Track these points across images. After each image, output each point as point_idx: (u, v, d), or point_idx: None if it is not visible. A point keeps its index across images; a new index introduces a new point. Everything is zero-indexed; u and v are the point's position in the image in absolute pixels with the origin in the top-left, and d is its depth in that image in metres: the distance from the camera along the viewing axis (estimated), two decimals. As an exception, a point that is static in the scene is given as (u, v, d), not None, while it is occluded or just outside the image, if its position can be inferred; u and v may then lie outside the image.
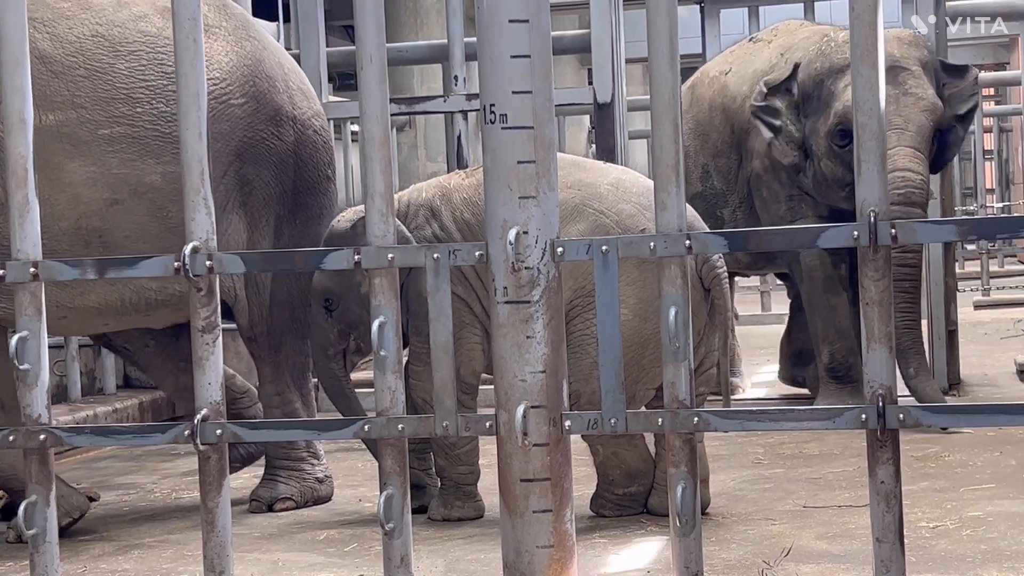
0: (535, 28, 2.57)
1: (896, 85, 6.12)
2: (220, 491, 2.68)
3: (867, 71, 2.46)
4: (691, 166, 6.97)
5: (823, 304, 6.52)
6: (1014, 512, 4.35)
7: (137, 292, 4.57)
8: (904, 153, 6.05)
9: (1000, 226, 2.69)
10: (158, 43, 4.55)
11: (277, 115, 4.76)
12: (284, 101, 4.81)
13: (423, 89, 11.94)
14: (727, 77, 7.00)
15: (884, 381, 2.44)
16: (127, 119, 4.46)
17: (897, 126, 6.06)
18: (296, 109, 4.87)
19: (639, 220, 4.39)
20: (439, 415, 2.63)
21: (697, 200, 6.81)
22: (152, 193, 4.49)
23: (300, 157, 4.87)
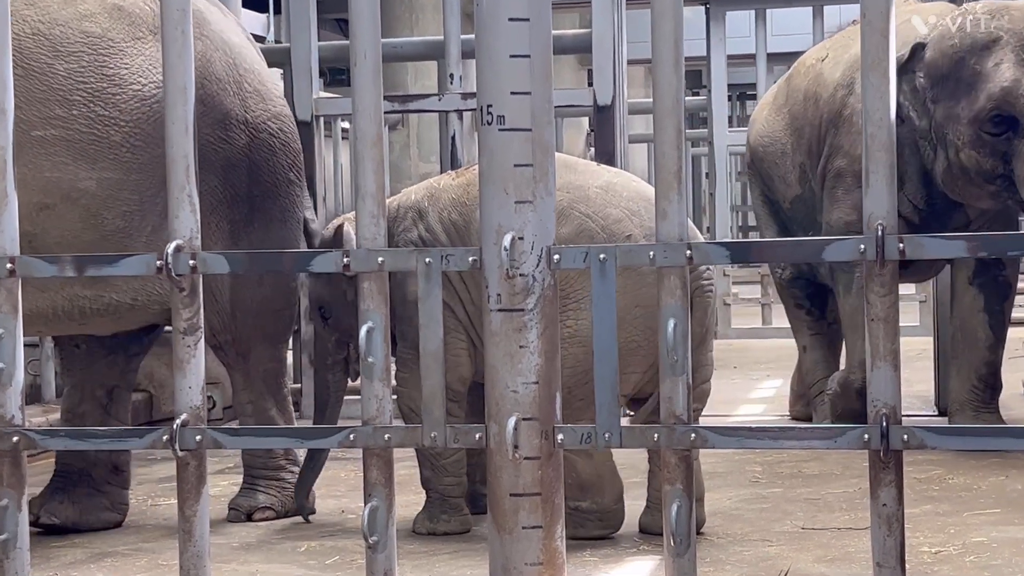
0: (536, 27, 2.49)
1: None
2: (198, 499, 2.60)
3: (877, 80, 2.39)
4: (789, 166, 6.43)
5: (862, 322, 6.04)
6: (1019, 538, 4.26)
7: (70, 300, 4.45)
8: None
9: (1011, 243, 2.61)
10: (101, 44, 4.44)
11: (226, 119, 4.64)
12: (234, 104, 4.70)
13: (417, 87, 11.88)
14: (823, 64, 6.30)
15: (888, 400, 2.37)
16: (62, 121, 4.34)
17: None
18: (249, 112, 4.75)
19: (625, 225, 4.29)
20: (427, 425, 2.55)
21: (799, 203, 6.39)
22: (86, 199, 4.38)
23: (254, 161, 4.76)
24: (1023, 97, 5.33)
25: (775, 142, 6.53)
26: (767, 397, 7.90)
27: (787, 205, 6.50)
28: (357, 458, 3.01)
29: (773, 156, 6.54)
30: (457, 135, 7.15)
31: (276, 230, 4.83)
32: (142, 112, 4.45)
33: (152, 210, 4.47)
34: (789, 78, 6.59)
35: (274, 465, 4.91)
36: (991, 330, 5.98)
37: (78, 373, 4.94)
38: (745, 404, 7.65)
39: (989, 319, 5.97)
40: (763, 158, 6.63)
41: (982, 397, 5.96)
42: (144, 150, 4.44)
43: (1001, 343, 6.04)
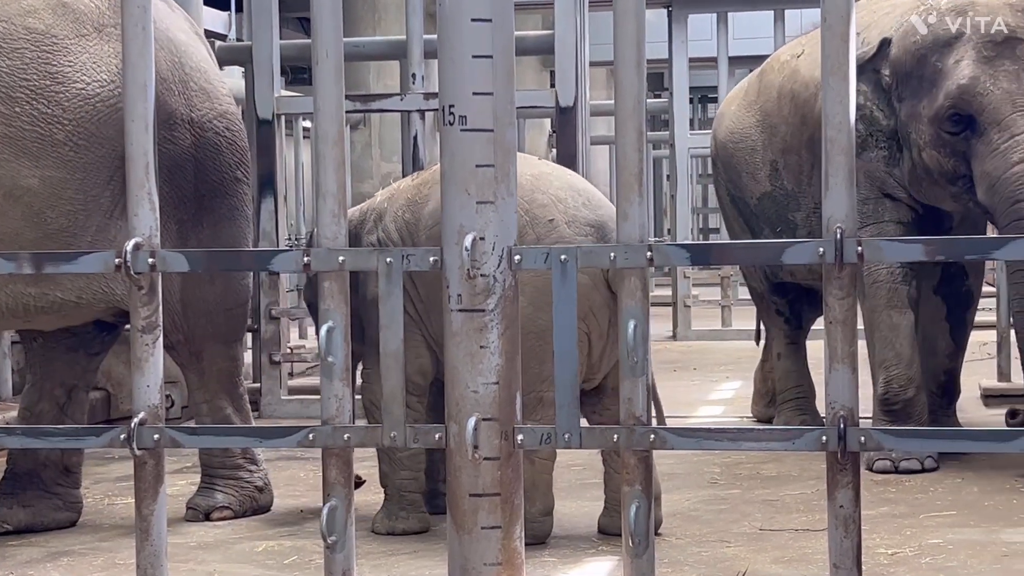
0: (498, 28, 2.49)
1: (1015, 60, 5.30)
2: (156, 498, 2.58)
3: (837, 84, 2.41)
4: (758, 162, 6.30)
5: (884, 323, 5.56)
6: (974, 540, 4.29)
7: (14, 298, 4.41)
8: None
9: (969, 247, 2.63)
10: (44, 41, 4.39)
11: (170, 119, 4.60)
12: (179, 104, 4.66)
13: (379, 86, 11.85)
14: (799, 60, 6.11)
15: (846, 403, 2.38)
16: (4, 119, 4.29)
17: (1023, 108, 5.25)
18: (194, 111, 4.72)
19: (550, 211, 4.30)
20: (387, 425, 2.55)
21: (766, 200, 6.27)
22: (28, 197, 4.33)
23: (199, 160, 4.73)
24: (979, 95, 5.25)
25: (745, 138, 6.42)
26: (726, 399, 7.93)
27: (754, 202, 6.39)
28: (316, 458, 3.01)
29: (742, 152, 6.43)
30: (419, 135, 7.14)
31: (225, 229, 4.80)
32: (86, 110, 4.40)
33: (96, 210, 4.43)
34: (762, 73, 6.47)
35: (232, 464, 4.89)
36: (952, 339, 5.97)
37: (38, 371, 4.90)
38: (704, 405, 7.68)
39: (951, 328, 5.95)
40: (732, 154, 6.52)
41: (940, 402, 5.95)
42: (88, 149, 4.40)
43: (961, 351, 6.05)
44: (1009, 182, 5.16)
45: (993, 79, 5.26)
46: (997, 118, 5.22)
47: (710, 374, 9.09)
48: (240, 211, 4.87)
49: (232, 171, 4.83)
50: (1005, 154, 5.19)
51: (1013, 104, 5.22)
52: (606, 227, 4.26)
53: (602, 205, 4.36)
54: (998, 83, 5.25)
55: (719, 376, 8.97)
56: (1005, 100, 5.23)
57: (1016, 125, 5.20)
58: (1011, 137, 5.19)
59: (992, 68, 5.27)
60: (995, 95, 5.24)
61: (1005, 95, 5.23)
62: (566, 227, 4.27)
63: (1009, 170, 5.16)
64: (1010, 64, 5.27)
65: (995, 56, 5.29)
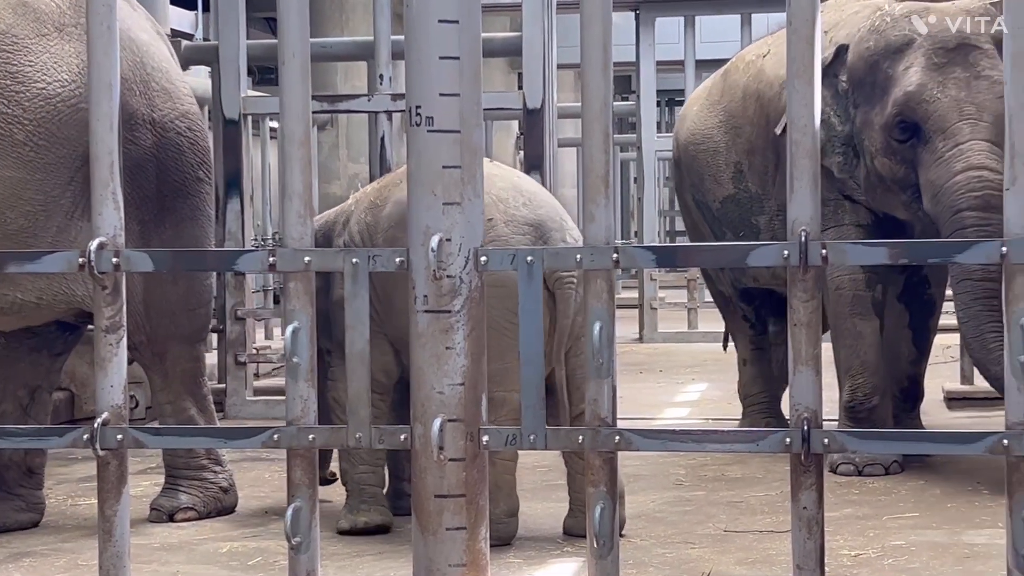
0: (465, 29, 2.50)
1: (967, 67, 5.21)
2: (119, 499, 2.57)
3: (803, 87, 2.42)
4: (721, 164, 6.19)
5: (848, 331, 5.55)
6: (937, 542, 4.32)
7: None
8: (979, 148, 5.10)
9: (932, 250, 2.65)
10: (4, 41, 4.35)
11: (131, 119, 4.57)
12: (140, 104, 4.64)
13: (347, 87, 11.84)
14: (764, 60, 6.01)
15: (810, 405, 2.39)
16: None
17: (970, 116, 5.15)
18: (156, 111, 4.70)
19: (490, 210, 4.31)
20: (352, 426, 2.55)
21: (729, 204, 6.17)
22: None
23: (161, 161, 4.71)
24: (925, 103, 5.17)
25: (707, 139, 6.32)
26: (692, 400, 7.95)
27: (716, 205, 6.29)
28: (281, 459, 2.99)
29: (705, 154, 6.32)
30: (386, 136, 7.13)
31: (187, 229, 4.78)
32: (47, 111, 4.37)
33: (57, 210, 4.41)
34: (726, 73, 6.38)
35: (196, 465, 4.86)
36: (914, 346, 5.94)
37: (0, 372, 4.87)
38: (670, 407, 7.70)
39: (913, 335, 5.91)
40: (694, 156, 6.42)
41: (904, 406, 5.93)
42: (48, 149, 4.37)
43: (924, 357, 6.02)
44: (951, 191, 5.08)
45: (941, 86, 5.19)
46: (942, 126, 5.15)
47: (676, 376, 9.11)
48: (202, 211, 4.85)
49: (194, 171, 4.81)
50: (949, 163, 5.11)
51: (960, 112, 5.15)
52: (544, 227, 4.30)
53: (543, 205, 4.39)
54: (946, 90, 5.18)
55: (685, 378, 8.99)
56: (952, 108, 5.16)
57: (961, 133, 5.12)
58: (955, 146, 5.11)
59: (941, 75, 5.20)
60: (942, 103, 5.17)
61: (952, 103, 5.16)
62: (504, 226, 4.31)
63: (952, 179, 5.08)
64: (961, 71, 5.20)
65: (946, 63, 5.22)
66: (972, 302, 5.04)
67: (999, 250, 2.33)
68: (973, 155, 5.08)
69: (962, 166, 5.08)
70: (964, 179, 5.06)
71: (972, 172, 5.05)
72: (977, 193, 5.04)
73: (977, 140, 5.10)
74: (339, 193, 12.30)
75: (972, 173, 5.05)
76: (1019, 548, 2.32)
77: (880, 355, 5.58)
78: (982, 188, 5.03)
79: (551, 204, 4.42)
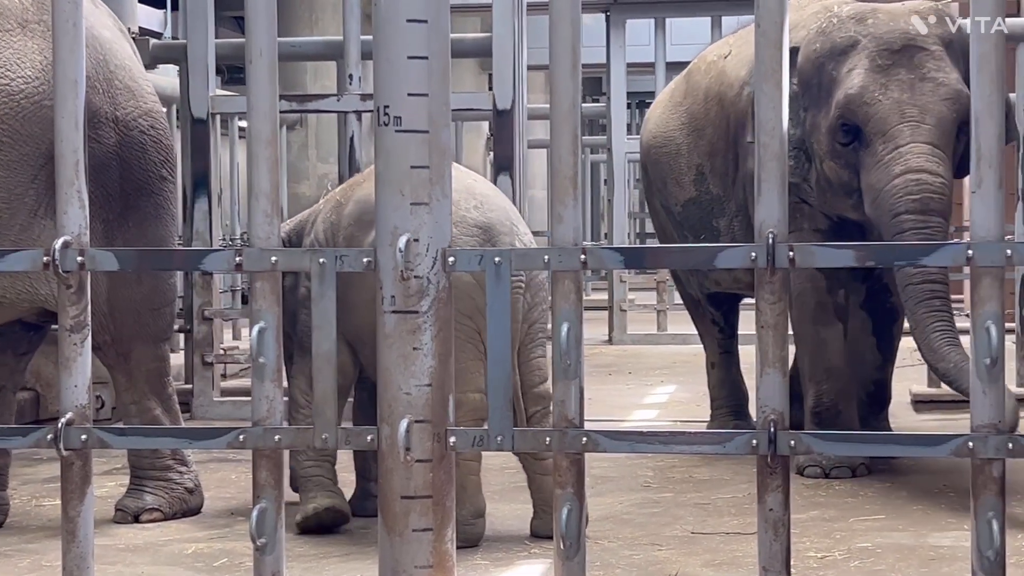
0: (434, 29, 2.49)
1: (912, 68, 5.15)
2: (83, 499, 2.55)
3: (771, 90, 2.42)
4: (683, 167, 6.12)
5: (811, 338, 5.54)
6: (903, 544, 4.34)
7: None
8: (919, 151, 5.04)
9: (899, 253, 2.66)
10: None
11: (94, 117, 4.53)
12: (103, 102, 4.61)
13: (316, 87, 11.80)
14: (726, 61, 5.96)
15: (776, 406, 2.39)
16: None
17: (912, 118, 5.09)
18: (119, 110, 4.67)
19: None
20: (318, 426, 2.53)
21: (691, 207, 6.11)
22: None
23: (124, 159, 4.69)
24: (866, 105, 5.11)
25: (669, 142, 6.27)
26: (660, 402, 7.96)
27: (679, 208, 6.25)
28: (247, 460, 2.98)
29: (667, 157, 6.27)
30: (356, 136, 7.11)
31: (151, 228, 4.75)
32: (9, 107, 4.34)
33: (21, 208, 4.38)
34: (688, 74, 6.31)
35: (161, 466, 4.84)
36: (879, 352, 5.89)
37: None
38: (638, 409, 7.71)
39: (877, 342, 5.86)
40: (656, 159, 6.38)
41: (871, 410, 5.91)
42: (12, 147, 4.34)
43: (889, 362, 5.98)
44: (890, 195, 5.03)
45: (883, 88, 5.13)
46: (883, 128, 5.09)
47: (645, 378, 9.13)
48: (166, 210, 4.83)
49: (157, 169, 4.79)
50: (888, 166, 5.06)
51: (901, 114, 5.09)
52: (494, 230, 4.33)
53: (494, 209, 4.40)
54: (888, 92, 5.13)
55: (654, 380, 9.00)
56: (893, 110, 5.10)
57: (901, 136, 5.07)
58: (895, 148, 5.07)
59: (885, 77, 5.15)
60: (883, 105, 5.11)
61: (894, 105, 5.11)
62: (452, 228, 4.31)
63: (891, 182, 5.04)
64: (905, 73, 5.14)
65: (890, 64, 5.16)
66: (916, 306, 4.98)
67: (965, 253, 2.34)
68: (912, 158, 5.03)
69: (901, 169, 5.04)
70: (902, 182, 5.02)
71: (910, 175, 5.01)
72: (915, 196, 5.01)
73: (917, 143, 5.05)
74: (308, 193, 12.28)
75: (910, 176, 5.01)
76: (984, 550, 2.33)
77: (845, 360, 5.56)
78: (920, 191, 5.00)
79: (503, 208, 4.44)
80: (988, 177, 2.33)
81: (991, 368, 2.31)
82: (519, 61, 6.82)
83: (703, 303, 6.59)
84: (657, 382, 8.89)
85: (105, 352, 4.75)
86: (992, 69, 2.34)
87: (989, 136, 2.34)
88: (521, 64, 6.86)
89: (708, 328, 6.64)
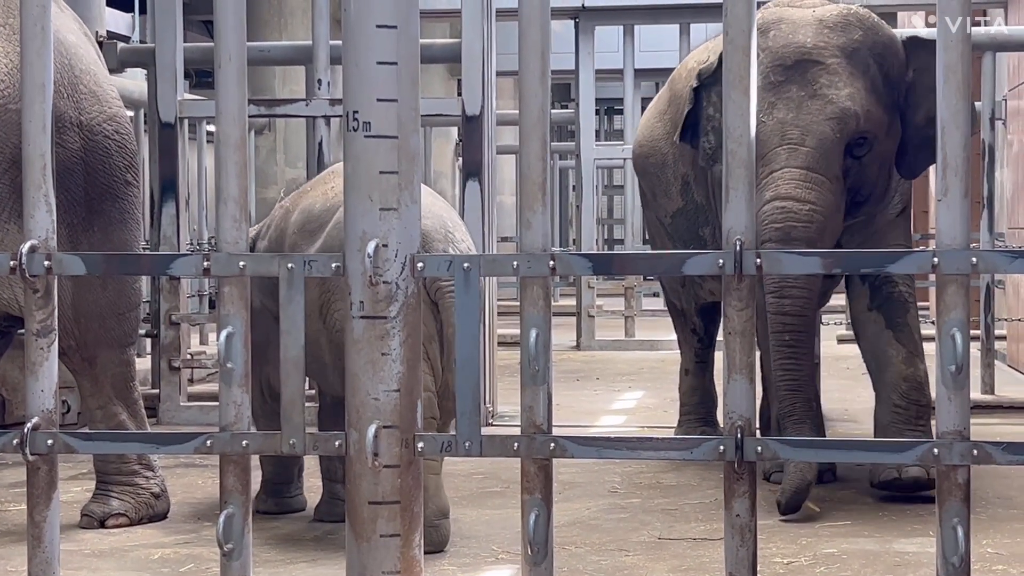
0: (403, 34, 2.49)
1: (803, 85, 4.98)
2: (49, 504, 2.55)
3: (738, 98, 2.44)
4: (670, 177, 5.94)
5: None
6: (868, 550, 4.36)
7: None
8: (788, 177, 4.90)
9: (866, 260, 2.67)
10: None
11: (58, 121, 4.50)
12: (68, 107, 4.60)
13: (285, 91, 11.76)
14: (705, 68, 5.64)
15: (743, 413, 2.41)
16: None
17: (791, 140, 4.93)
18: (83, 114, 4.66)
19: None
20: (286, 432, 2.53)
21: (679, 217, 5.94)
22: None
23: (89, 164, 4.67)
24: None
25: (655, 152, 6.08)
26: (628, 408, 7.97)
27: (668, 220, 6.10)
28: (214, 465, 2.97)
29: (655, 167, 6.09)
30: (324, 141, 7.10)
31: (116, 232, 4.74)
32: None
33: None
34: (671, 83, 6.09)
35: (128, 471, 4.82)
36: (900, 344, 5.35)
37: None
38: (606, 415, 7.72)
39: (895, 334, 5.35)
40: (644, 169, 6.24)
41: (905, 415, 5.23)
42: None
43: (915, 356, 5.32)
44: (760, 222, 4.82)
45: (771, 107, 4.95)
46: (762, 151, 4.88)
47: (613, 384, 9.14)
48: (131, 214, 4.82)
49: (122, 174, 4.77)
50: (761, 191, 4.88)
51: (782, 136, 4.92)
52: (428, 237, 4.29)
53: (429, 217, 4.31)
54: (774, 113, 4.95)
55: (622, 386, 9.01)
56: (775, 132, 4.93)
57: (776, 160, 4.91)
58: (769, 173, 4.91)
59: (775, 95, 4.97)
60: (766, 127, 4.92)
61: (776, 126, 4.93)
62: None
63: (760, 209, 4.85)
64: (797, 90, 4.95)
65: (783, 81, 4.99)
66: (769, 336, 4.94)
67: (931, 260, 2.36)
68: (782, 184, 4.88)
69: (770, 195, 4.90)
70: (769, 209, 4.89)
71: (777, 203, 4.87)
72: (778, 225, 4.86)
73: (790, 168, 4.89)
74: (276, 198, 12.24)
75: (777, 203, 4.87)
76: (949, 556, 2.34)
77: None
78: (784, 220, 4.86)
79: (440, 216, 4.42)
80: (954, 185, 2.36)
81: (956, 375, 2.33)
82: (488, 67, 6.83)
83: (690, 313, 6.46)
84: (625, 388, 8.90)
85: (70, 357, 4.73)
86: (959, 79, 2.36)
87: (955, 145, 2.36)
88: (490, 70, 6.87)
89: (687, 337, 6.57)
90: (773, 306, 4.94)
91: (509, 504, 4.97)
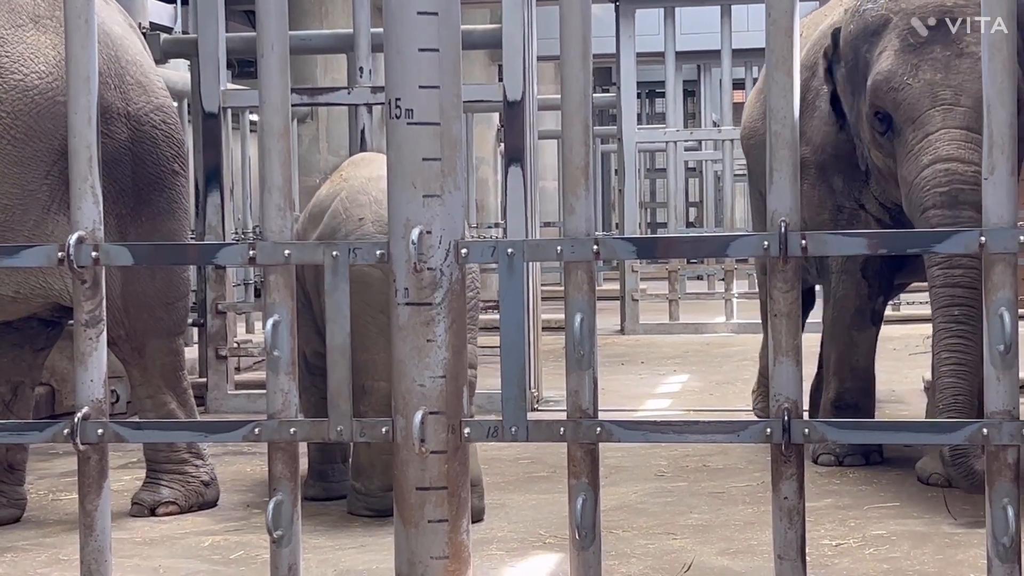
0: (444, 21, 2.49)
1: (947, 44, 4.66)
2: (100, 493, 2.57)
3: (782, 78, 2.42)
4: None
5: (845, 339, 5.37)
6: (917, 532, 4.33)
7: None
8: (948, 138, 4.56)
9: (911, 240, 2.66)
10: None
11: (106, 112, 4.53)
12: (115, 97, 4.62)
13: (327, 80, 11.78)
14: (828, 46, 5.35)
15: (790, 395, 2.40)
16: None
17: (944, 101, 4.60)
18: (131, 105, 4.68)
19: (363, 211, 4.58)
20: (333, 419, 2.54)
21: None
22: None
23: (137, 154, 4.70)
24: (895, 91, 4.69)
25: (755, 132, 6.01)
26: (673, 392, 7.96)
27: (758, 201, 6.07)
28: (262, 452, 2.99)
29: (755, 148, 5.98)
30: (367, 128, 7.12)
31: (164, 222, 4.77)
32: (24, 103, 4.35)
33: (34, 204, 4.39)
34: None
35: (177, 459, 4.86)
36: None
37: None
38: (651, 399, 7.71)
39: None
40: (748, 150, 6.20)
41: None
42: (26, 143, 4.34)
43: None
44: (919, 188, 4.61)
45: (915, 70, 4.67)
46: (912, 115, 4.66)
47: (657, 368, 9.13)
48: (179, 204, 4.85)
49: (169, 164, 4.80)
50: (918, 156, 4.63)
51: (933, 98, 4.63)
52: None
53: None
54: (919, 74, 4.66)
55: (666, 370, 9.00)
56: (924, 94, 4.64)
57: (931, 122, 4.61)
58: (924, 136, 4.62)
59: (916, 57, 4.68)
60: (913, 89, 4.66)
61: (925, 88, 4.64)
62: (371, 226, 4.52)
63: (919, 174, 4.61)
64: (940, 50, 4.66)
65: (924, 42, 4.69)
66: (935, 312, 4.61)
67: (978, 240, 2.34)
68: (943, 146, 4.57)
69: (929, 159, 4.60)
70: (931, 173, 4.58)
71: (939, 165, 4.56)
72: (943, 189, 4.55)
73: (948, 129, 4.58)
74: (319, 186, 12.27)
75: (939, 167, 4.56)
76: (999, 537, 2.33)
77: (871, 361, 5.44)
78: (949, 183, 4.54)
79: None
80: (1000, 164, 2.33)
81: (1004, 355, 2.31)
82: (529, 52, 6.82)
83: None
84: (670, 371, 8.89)
85: (120, 347, 4.77)
86: (1004, 56, 2.33)
87: (1001, 123, 2.34)
88: (531, 55, 6.87)
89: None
90: (941, 278, 4.58)
91: (555, 488, 4.97)
